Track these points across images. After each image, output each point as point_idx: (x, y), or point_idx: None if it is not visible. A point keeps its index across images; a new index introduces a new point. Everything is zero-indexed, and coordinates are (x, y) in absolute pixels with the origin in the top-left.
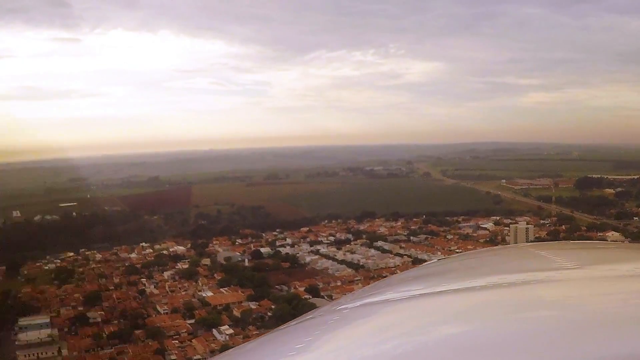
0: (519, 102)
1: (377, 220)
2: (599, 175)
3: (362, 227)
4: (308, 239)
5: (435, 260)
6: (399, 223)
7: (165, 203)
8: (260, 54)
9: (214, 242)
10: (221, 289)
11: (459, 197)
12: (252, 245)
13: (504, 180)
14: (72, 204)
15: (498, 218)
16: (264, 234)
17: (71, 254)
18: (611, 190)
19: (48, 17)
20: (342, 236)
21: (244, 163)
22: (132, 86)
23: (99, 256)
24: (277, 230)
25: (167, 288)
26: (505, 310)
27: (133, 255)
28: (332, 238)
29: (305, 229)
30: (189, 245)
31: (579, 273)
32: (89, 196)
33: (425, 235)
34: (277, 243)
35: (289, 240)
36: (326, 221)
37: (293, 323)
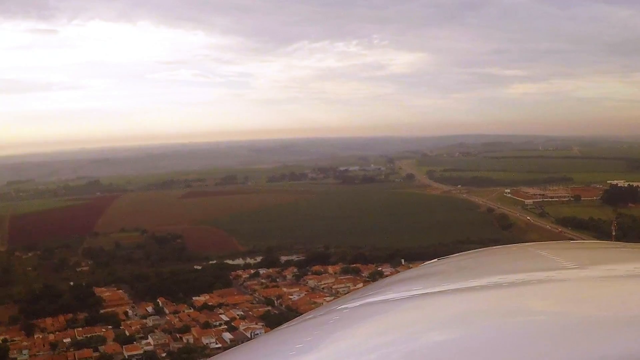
0: (505, 94)
1: (329, 269)
2: (628, 183)
3: (296, 294)
4: (189, 336)
5: (435, 260)
6: (360, 283)
7: (65, 226)
8: (242, 45)
9: (37, 334)
10: None
11: (452, 219)
12: (76, 355)
13: (507, 190)
14: None
15: None
16: (130, 311)
17: None
18: None
19: (23, 7)
20: (254, 323)
21: (217, 159)
22: (114, 78)
23: None
24: (162, 299)
25: None
26: (505, 310)
27: None
28: (228, 338)
29: (204, 298)
30: None
31: (579, 273)
32: None
33: None
34: (128, 352)
35: (150, 341)
36: (252, 272)
37: (293, 323)
